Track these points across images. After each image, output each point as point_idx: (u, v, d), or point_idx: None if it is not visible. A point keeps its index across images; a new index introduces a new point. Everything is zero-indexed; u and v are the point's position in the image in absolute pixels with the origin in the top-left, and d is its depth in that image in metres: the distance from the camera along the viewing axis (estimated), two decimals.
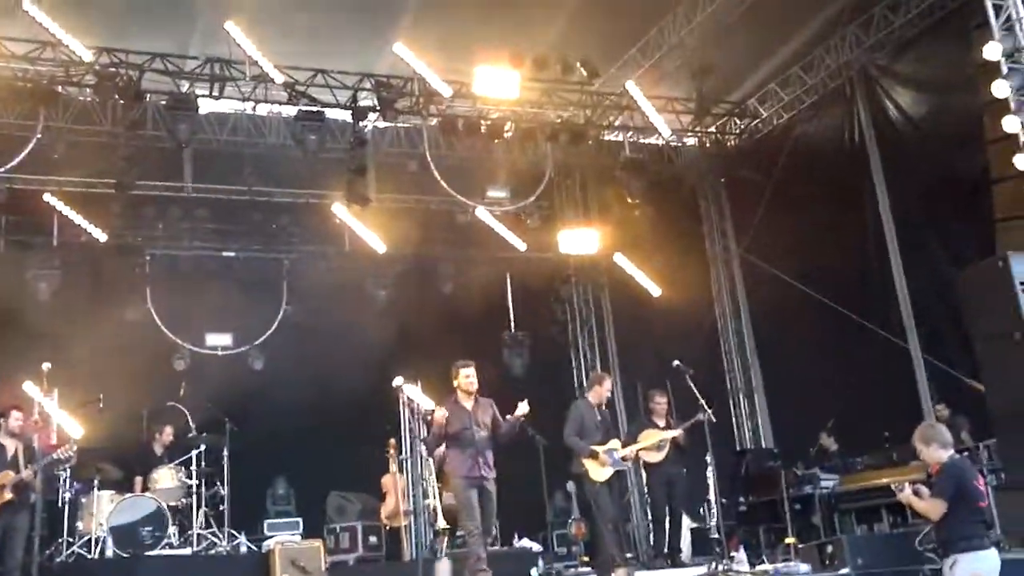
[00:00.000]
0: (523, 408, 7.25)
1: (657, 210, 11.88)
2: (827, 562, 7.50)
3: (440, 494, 8.90)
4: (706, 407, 8.36)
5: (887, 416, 9.60)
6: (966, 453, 8.79)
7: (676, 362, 8.58)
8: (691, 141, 12.70)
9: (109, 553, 8.09)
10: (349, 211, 11.27)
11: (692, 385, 8.43)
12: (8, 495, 7.75)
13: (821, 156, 11.29)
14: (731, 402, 12.24)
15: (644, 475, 9.17)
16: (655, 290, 12.17)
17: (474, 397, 7.46)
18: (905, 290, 10.37)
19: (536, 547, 9.07)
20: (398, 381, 7.80)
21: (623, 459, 8.37)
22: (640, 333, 12.33)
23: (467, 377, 7.46)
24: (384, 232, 11.60)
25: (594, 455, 8.14)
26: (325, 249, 11.90)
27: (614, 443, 8.36)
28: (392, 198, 11.96)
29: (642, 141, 12.18)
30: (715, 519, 8.63)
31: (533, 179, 12.03)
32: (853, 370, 10.34)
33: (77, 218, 10.55)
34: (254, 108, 10.83)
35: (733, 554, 7.98)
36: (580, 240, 12.12)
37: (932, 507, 5.40)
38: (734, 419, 12.17)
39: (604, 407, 8.61)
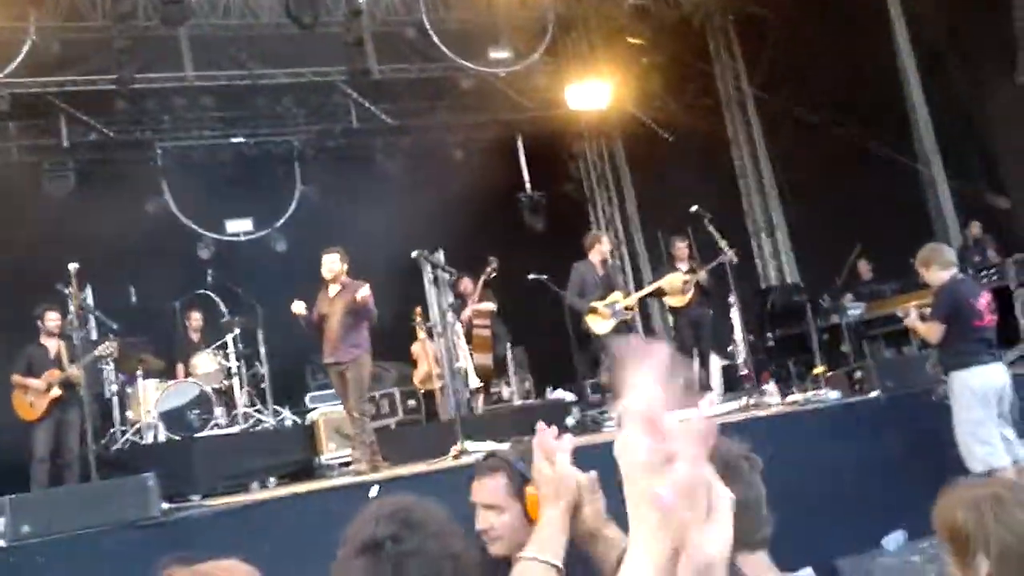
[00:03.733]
0: (362, 292, 7.14)
1: (666, 57, 11.59)
2: (857, 387, 7.66)
3: (471, 355, 9.13)
4: (727, 248, 8.41)
5: (914, 243, 9.59)
6: (994, 270, 8.85)
7: (694, 207, 8.59)
8: None
9: (162, 438, 8.41)
10: (351, 85, 11.11)
11: (712, 228, 8.46)
12: (57, 392, 8.04)
13: None
14: (753, 243, 12.24)
15: (671, 319, 9.32)
16: (668, 137, 12.01)
17: (340, 283, 7.43)
18: (926, 116, 10.18)
19: (570, 396, 9.32)
20: (415, 253, 7.84)
21: (626, 308, 8.52)
22: (657, 182, 12.24)
23: (324, 264, 7.46)
24: (389, 104, 11.45)
25: (594, 310, 8.29)
26: (332, 127, 11.78)
27: (615, 296, 8.50)
28: (393, 68, 11.72)
29: None
30: (743, 356, 8.77)
31: (536, 36, 11.71)
32: (876, 201, 10.27)
33: (84, 117, 10.48)
34: None
35: (764, 388, 8.15)
36: (589, 94, 11.90)
37: (929, 330, 5.46)
38: (758, 259, 12.20)
39: (607, 264, 8.72)
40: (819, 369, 8.66)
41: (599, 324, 8.36)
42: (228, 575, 1.20)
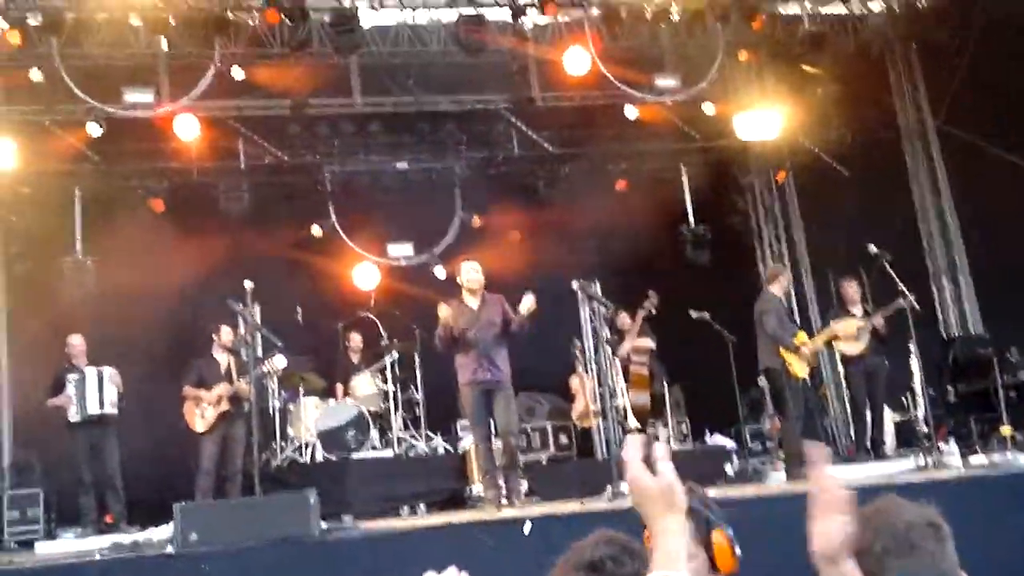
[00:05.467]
0: (528, 302, 6.76)
1: (842, 86, 11.03)
2: None
3: (627, 393, 8.88)
4: (907, 292, 7.86)
5: None
6: None
7: (871, 246, 8.07)
8: (877, 7, 11.62)
9: (319, 457, 8.58)
10: (515, 113, 11.14)
11: (890, 269, 7.92)
12: (225, 406, 8.33)
13: None
14: (933, 287, 11.44)
15: (842, 368, 8.79)
16: (844, 171, 11.41)
17: (480, 296, 7.05)
18: None
19: (730, 444, 8.93)
20: (575, 284, 7.66)
21: (811, 353, 8.04)
22: (829, 220, 11.64)
23: (468, 273, 7.06)
24: (551, 131, 11.41)
25: (796, 349, 7.83)
26: (494, 154, 11.84)
27: (802, 336, 8.03)
28: (556, 95, 11.67)
29: (823, 11, 11.25)
30: (921, 410, 8.15)
31: (704, 64, 11.40)
32: None
33: (260, 140, 10.94)
34: (413, 17, 10.75)
35: (941, 446, 7.54)
36: (759, 124, 11.46)
37: None
38: (938, 304, 11.39)
39: (786, 299, 8.27)
40: (1007, 430, 7.96)
41: (799, 365, 7.89)
42: None
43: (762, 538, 1.99)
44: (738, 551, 2.18)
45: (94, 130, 9.99)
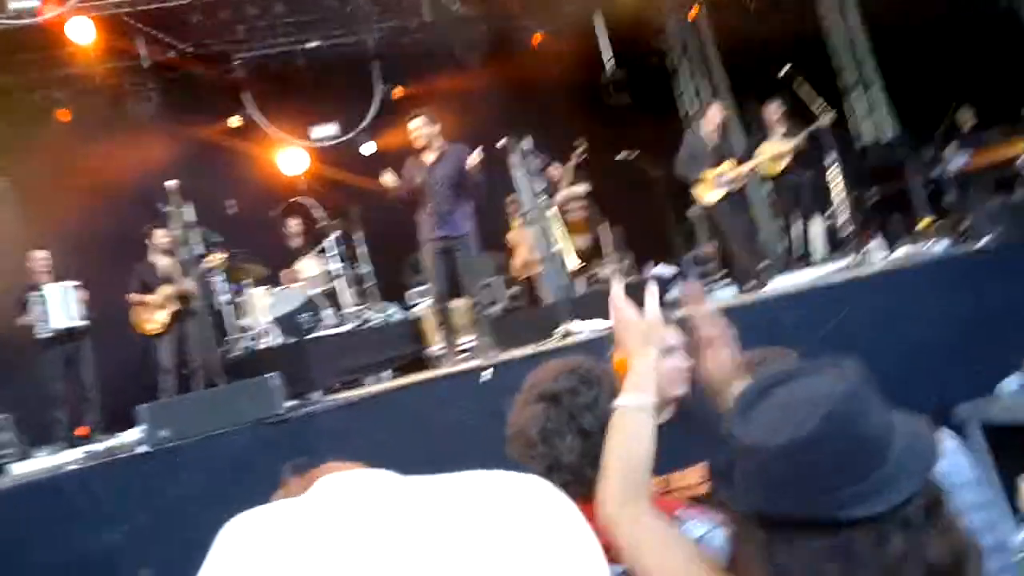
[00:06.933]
0: (474, 156, 6.74)
1: None
2: (964, 237, 7.42)
3: (568, 237, 9.10)
4: (824, 108, 8.12)
5: (1016, 85, 9.10)
6: None
7: (785, 69, 8.28)
8: None
9: (277, 342, 8.71)
10: None
11: (805, 90, 8.16)
12: (174, 306, 8.38)
13: None
14: (847, 101, 11.74)
15: (770, 184, 9.13)
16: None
17: (439, 150, 6.97)
18: None
19: (671, 270, 9.25)
20: (502, 142, 7.72)
21: (736, 178, 8.32)
22: (744, 49, 11.71)
23: (411, 131, 6.99)
24: None
25: (702, 180, 8.12)
26: (406, 23, 11.58)
27: (725, 166, 8.27)
28: None
29: None
30: (845, 217, 8.53)
31: None
32: (975, 46, 9.71)
33: (160, 35, 10.51)
34: None
35: (868, 246, 7.96)
36: None
37: None
38: (852, 117, 11.72)
39: (718, 134, 8.45)
40: (924, 222, 8.39)
41: (707, 193, 8.22)
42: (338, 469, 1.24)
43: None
44: None
45: None
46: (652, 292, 1.84)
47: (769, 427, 1.32)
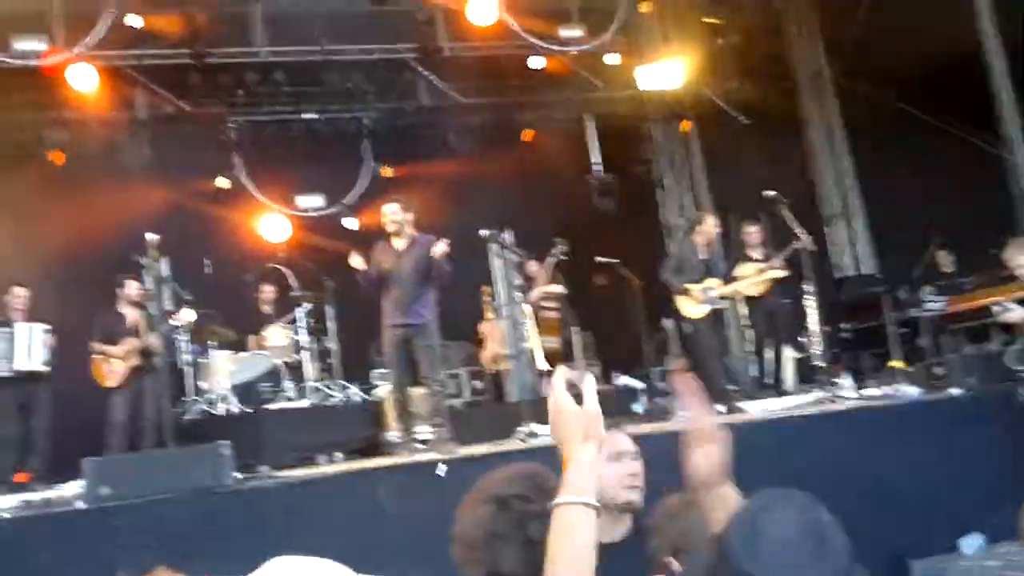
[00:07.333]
0: (440, 247, 6.74)
1: (742, 37, 11.34)
2: (936, 383, 7.45)
3: (539, 337, 9.06)
4: (803, 234, 8.23)
5: (995, 233, 9.30)
6: None
7: (769, 192, 8.42)
8: None
9: (234, 409, 8.54)
10: (423, 64, 11.09)
11: (786, 213, 8.29)
12: (135, 360, 8.22)
13: None
14: (828, 230, 11.96)
15: (746, 309, 9.16)
16: (743, 120, 11.75)
17: (409, 238, 7.01)
18: (1012, 101, 9.80)
19: (638, 383, 9.22)
20: (484, 232, 7.75)
21: (720, 297, 8.35)
22: (731, 166, 11.99)
23: (385, 215, 7.03)
24: (459, 82, 11.41)
25: (686, 292, 8.14)
26: (402, 105, 11.76)
27: (711, 282, 8.31)
28: (464, 45, 11.64)
29: None
30: (818, 347, 8.58)
31: (608, 15, 11.53)
32: (958, 189, 9.97)
33: (159, 90, 10.61)
34: None
35: (838, 380, 7.97)
36: (661, 75, 11.66)
37: None
38: (833, 247, 11.92)
39: (710, 247, 8.50)
40: (897, 363, 8.44)
41: (690, 307, 8.22)
42: None
43: (673, 469, 2.09)
44: None
45: None
46: (591, 385, 1.76)
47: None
